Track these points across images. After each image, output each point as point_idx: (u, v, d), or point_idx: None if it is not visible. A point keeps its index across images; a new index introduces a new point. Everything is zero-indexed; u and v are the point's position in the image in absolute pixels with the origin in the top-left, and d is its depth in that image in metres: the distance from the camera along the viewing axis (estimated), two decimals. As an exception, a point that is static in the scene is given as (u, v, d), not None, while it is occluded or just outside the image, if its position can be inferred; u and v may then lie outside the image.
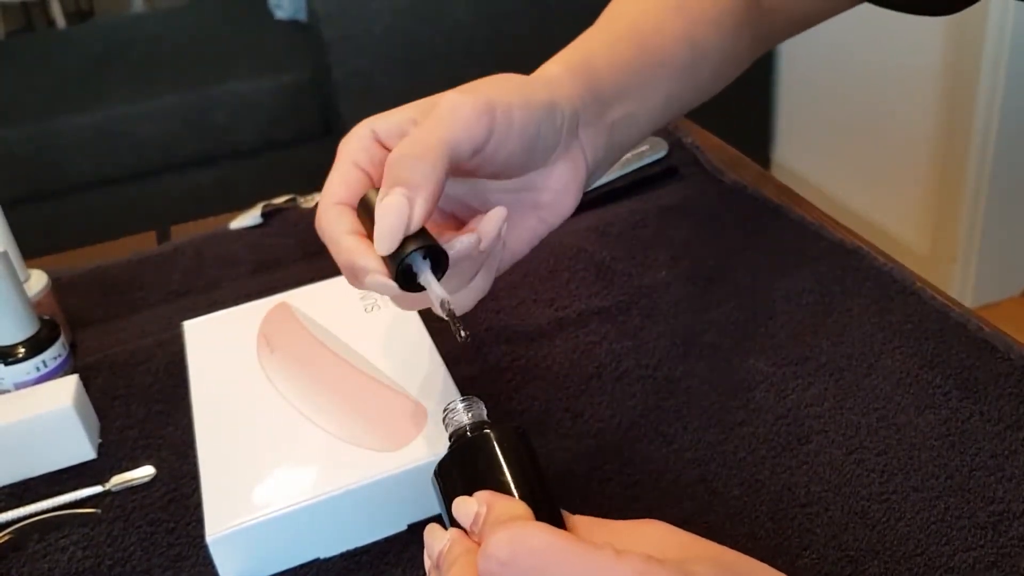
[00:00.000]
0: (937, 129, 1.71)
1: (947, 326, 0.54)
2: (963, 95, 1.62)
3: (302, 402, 0.48)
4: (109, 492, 0.50)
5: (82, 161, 1.84)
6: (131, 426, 0.55)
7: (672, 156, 0.77)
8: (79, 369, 0.58)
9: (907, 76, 1.73)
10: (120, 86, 1.90)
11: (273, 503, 0.43)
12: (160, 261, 0.71)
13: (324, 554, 0.45)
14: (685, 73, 0.52)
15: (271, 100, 1.89)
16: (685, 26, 0.52)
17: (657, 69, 0.51)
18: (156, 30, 2.21)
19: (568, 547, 0.28)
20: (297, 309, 0.55)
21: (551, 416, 0.52)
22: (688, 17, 0.53)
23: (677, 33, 0.52)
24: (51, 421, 0.51)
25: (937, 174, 1.74)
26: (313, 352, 0.52)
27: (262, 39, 2.06)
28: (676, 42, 0.52)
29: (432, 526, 0.34)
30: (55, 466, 0.52)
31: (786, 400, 0.51)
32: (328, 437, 0.46)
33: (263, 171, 1.95)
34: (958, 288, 1.75)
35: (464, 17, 1.78)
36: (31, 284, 0.59)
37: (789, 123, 2.15)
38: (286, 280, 0.66)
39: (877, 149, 1.85)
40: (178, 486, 0.50)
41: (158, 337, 0.62)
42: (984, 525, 0.43)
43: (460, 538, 0.32)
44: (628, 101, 0.49)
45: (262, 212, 0.73)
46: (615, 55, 0.50)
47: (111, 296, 0.67)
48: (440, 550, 0.33)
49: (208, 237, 0.72)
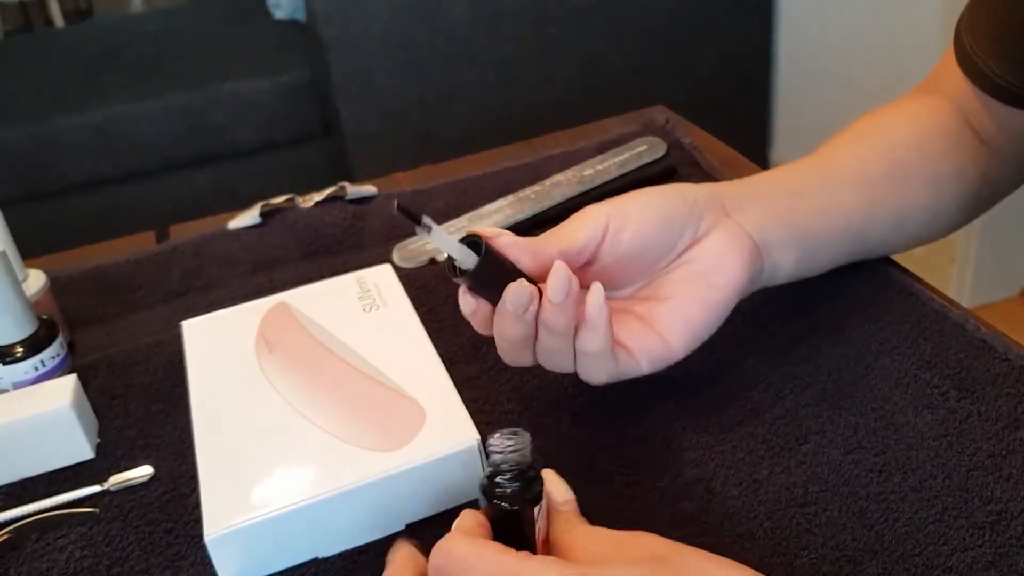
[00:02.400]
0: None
1: (945, 326, 0.54)
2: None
3: (300, 402, 0.48)
4: (107, 492, 0.50)
5: (81, 161, 1.84)
6: (129, 426, 0.55)
7: (670, 156, 0.77)
8: (77, 369, 0.58)
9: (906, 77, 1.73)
10: (119, 86, 1.90)
11: (271, 503, 0.43)
12: (159, 261, 0.70)
13: (323, 554, 0.45)
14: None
15: (270, 100, 1.89)
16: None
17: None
18: (155, 30, 2.20)
19: (483, 551, 0.34)
20: (296, 309, 0.55)
21: (551, 416, 0.52)
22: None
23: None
24: (49, 421, 0.51)
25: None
26: (312, 352, 0.52)
27: (261, 39, 2.06)
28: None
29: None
30: (53, 465, 0.52)
31: (784, 400, 0.51)
32: (326, 437, 0.46)
33: (262, 171, 1.95)
34: (956, 288, 1.75)
35: (464, 17, 1.78)
36: (29, 284, 0.59)
37: (787, 123, 2.15)
38: (285, 280, 0.66)
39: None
40: (176, 486, 0.50)
41: (157, 337, 0.62)
42: (982, 525, 0.43)
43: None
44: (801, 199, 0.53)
45: (261, 212, 0.73)
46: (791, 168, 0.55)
47: (109, 296, 0.67)
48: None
49: (207, 237, 0.72)
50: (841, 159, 0.55)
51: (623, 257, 0.47)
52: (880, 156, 0.55)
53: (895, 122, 0.58)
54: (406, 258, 0.67)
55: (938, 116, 0.58)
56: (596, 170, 0.75)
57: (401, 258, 0.68)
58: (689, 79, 1.98)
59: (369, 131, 1.84)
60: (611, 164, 0.76)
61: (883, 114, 0.59)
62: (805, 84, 2.05)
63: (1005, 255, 1.75)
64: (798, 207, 0.52)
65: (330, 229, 0.71)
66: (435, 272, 0.65)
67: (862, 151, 0.56)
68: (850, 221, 0.53)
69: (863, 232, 0.54)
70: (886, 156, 0.55)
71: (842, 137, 0.57)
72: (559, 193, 0.72)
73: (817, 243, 0.52)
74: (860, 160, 0.55)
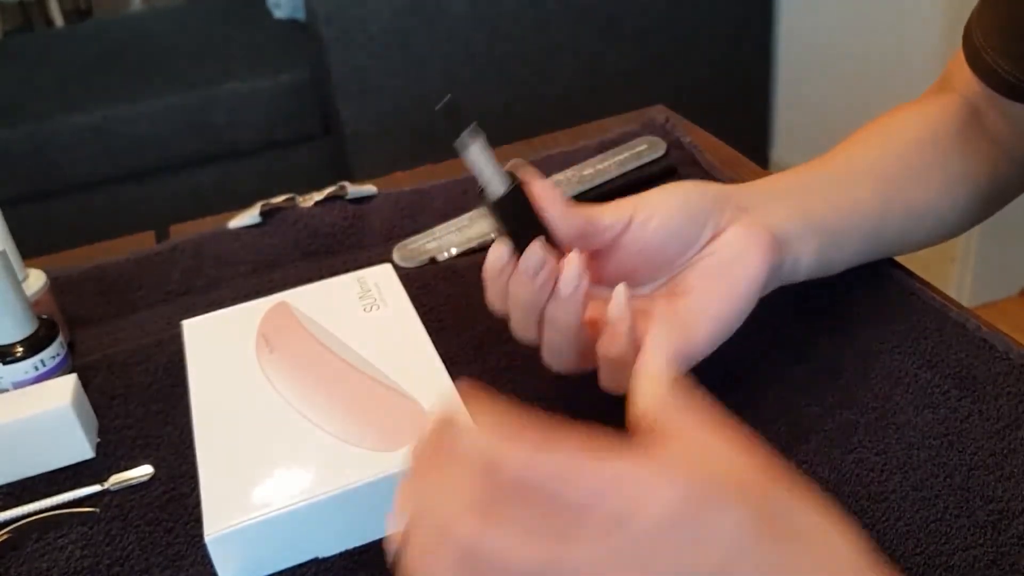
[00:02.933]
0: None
1: (946, 325, 0.54)
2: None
3: (301, 402, 0.48)
4: (107, 491, 0.50)
5: (81, 160, 1.84)
6: (130, 425, 0.54)
7: (670, 155, 0.76)
8: (77, 368, 0.58)
9: (906, 77, 1.73)
10: (118, 85, 1.90)
11: (272, 503, 0.43)
12: (159, 260, 0.70)
13: (323, 553, 0.45)
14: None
15: (270, 99, 1.89)
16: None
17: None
18: (154, 29, 2.20)
19: (572, 458, 0.28)
20: (296, 309, 0.55)
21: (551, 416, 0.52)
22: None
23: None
24: (49, 420, 0.51)
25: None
26: (312, 352, 0.52)
27: (260, 38, 2.06)
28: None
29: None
30: (53, 465, 0.52)
31: (784, 399, 0.51)
32: (327, 437, 0.46)
33: (262, 171, 1.95)
34: (957, 288, 1.75)
35: (463, 16, 1.78)
36: (29, 283, 0.59)
37: (788, 122, 2.15)
38: (285, 280, 0.66)
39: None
40: (177, 485, 0.50)
41: (157, 337, 0.61)
42: (983, 524, 0.43)
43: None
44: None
45: (261, 212, 0.73)
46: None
47: (110, 295, 0.67)
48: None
49: (207, 237, 0.72)
50: (856, 158, 0.56)
51: (648, 247, 0.47)
52: (895, 156, 0.56)
53: (908, 121, 0.58)
54: (406, 258, 0.67)
55: (950, 113, 0.58)
56: (596, 169, 0.75)
57: (401, 258, 0.68)
58: (689, 79, 1.98)
59: (369, 130, 1.84)
60: (611, 164, 0.76)
61: (897, 114, 0.59)
62: (805, 84, 2.05)
63: (1005, 255, 1.75)
64: (815, 203, 0.52)
65: (330, 229, 0.71)
66: (435, 272, 0.65)
67: (876, 150, 0.56)
68: (866, 217, 0.53)
69: (879, 229, 0.54)
70: (901, 156, 0.56)
71: (857, 136, 0.57)
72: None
73: (836, 238, 0.52)
74: (874, 159, 0.55)
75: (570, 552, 0.27)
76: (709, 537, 0.27)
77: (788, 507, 0.29)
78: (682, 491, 0.27)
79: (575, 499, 0.27)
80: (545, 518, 0.27)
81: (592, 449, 0.29)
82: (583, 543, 0.27)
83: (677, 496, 0.27)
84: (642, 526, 0.27)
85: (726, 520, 0.27)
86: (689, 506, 0.27)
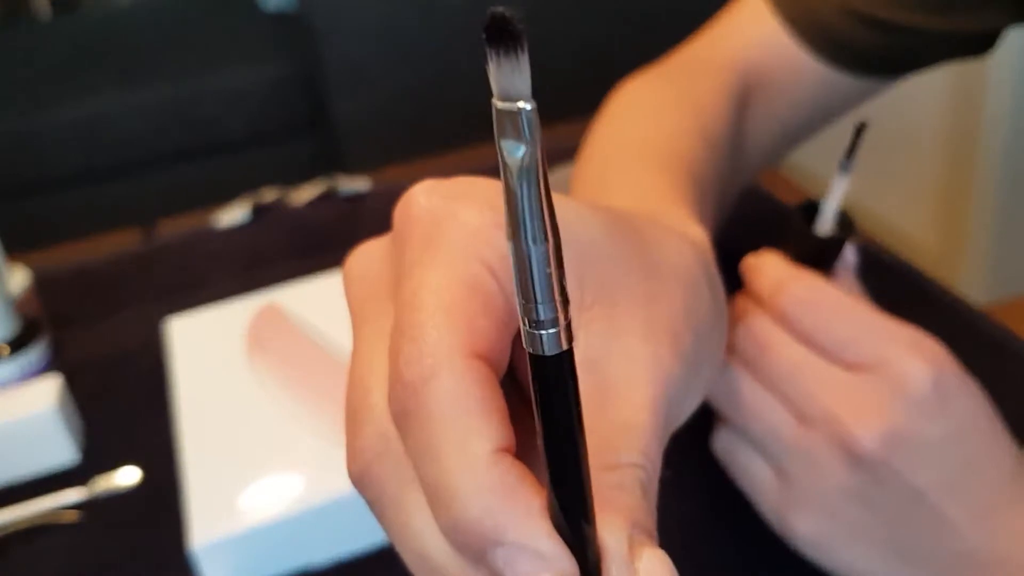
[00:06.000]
0: (946, 124, 1.70)
1: (958, 324, 0.53)
2: (972, 88, 1.61)
3: (292, 404, 0.47)
4: (93, 496, 0.49)
5: (66, 155, 1.82)
6: (115, 429, 0.53)
7: (670, 149, 0.75)
8: (62, 369, 0.56)
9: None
10: (105, 78, 1.88)
11: (262, 511, 0.41)
12: (145, 258, 0.69)
13: (315, 561, 0.44)
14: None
15: (259, 92, 1.88)
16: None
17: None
18: (142, 21, 2.19)
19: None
20: (287, 307, 0.54)
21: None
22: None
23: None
24: (34, 424, 0.49)
25: (947, 170, 1.73)
26: (303, 352, 0.50)
27: (249, 30, 2.04)
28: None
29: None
30: (38, 469, 0.50)
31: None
32: (319, 441, 0.45)
33: (251, 165, 1.94)
34: (969, 286, 1.74)
35: (457, 6, 1.76)
36: (12, 282, 0.58)
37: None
38: (275, 277, 0.65)
39: (886, 144, 1.83)
40: (164, 490, 0.49)
41: (143, 337, 0.60)
42: (998, 529, 0.41)
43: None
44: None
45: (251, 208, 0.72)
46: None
47: (95, 294, 0.66)
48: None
49: (194, 233, 0.71)
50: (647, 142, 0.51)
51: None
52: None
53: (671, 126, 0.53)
54: (400, 254, 0.66)
55: (721, 112, 0.54)
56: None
57: (395, 254, 0.66)
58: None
59: (361, 122, 1.82)
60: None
61: (644, 114, 0.55)
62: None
63: (1019, 252, 1.73)
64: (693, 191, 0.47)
65: (322, 225, 0.70)
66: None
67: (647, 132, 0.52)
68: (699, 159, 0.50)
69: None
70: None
71: (611, 128, 0.55)
72: (556, 187, 0.71)
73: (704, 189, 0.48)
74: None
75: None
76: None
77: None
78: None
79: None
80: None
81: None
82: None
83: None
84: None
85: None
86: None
